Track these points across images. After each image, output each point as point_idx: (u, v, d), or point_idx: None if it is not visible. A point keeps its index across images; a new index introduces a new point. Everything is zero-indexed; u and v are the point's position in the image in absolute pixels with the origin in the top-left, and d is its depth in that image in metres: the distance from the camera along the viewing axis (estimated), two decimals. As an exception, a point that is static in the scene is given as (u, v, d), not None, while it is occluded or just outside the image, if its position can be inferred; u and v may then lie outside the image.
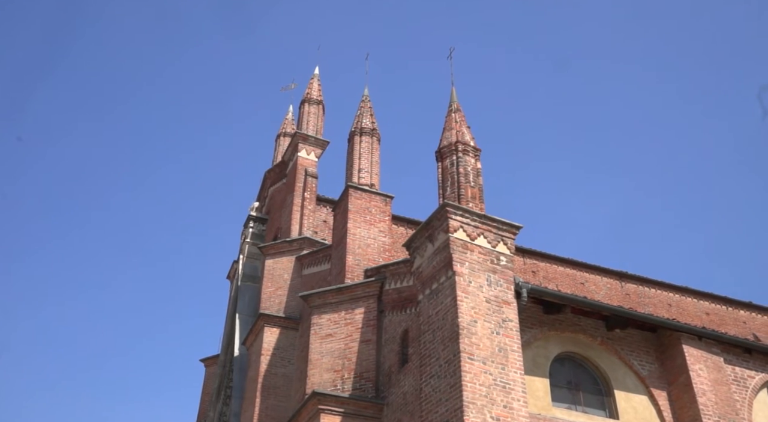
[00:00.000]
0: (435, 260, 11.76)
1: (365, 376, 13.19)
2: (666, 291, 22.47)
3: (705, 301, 22.83)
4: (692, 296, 22.80)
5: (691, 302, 22.62)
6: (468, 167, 13.13)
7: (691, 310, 22.23)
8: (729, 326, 21.95)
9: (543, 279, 20.40)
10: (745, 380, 12.91)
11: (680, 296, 22.56)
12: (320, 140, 21.57)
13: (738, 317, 22.91)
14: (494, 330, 10.87)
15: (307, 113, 22.33)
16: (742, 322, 22.74)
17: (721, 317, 22.54)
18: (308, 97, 22.83)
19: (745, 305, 23.34)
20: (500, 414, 10.07)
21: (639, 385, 12.38)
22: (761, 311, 23.37)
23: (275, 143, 25.58)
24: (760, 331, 22.56)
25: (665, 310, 21.44)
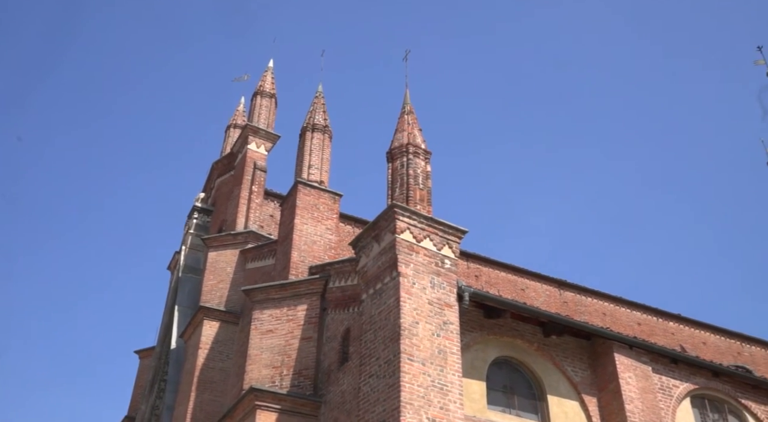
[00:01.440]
0: (380, 260, 11.80)
1: (304, 373, 13.13)
2: (602, 301, 23.19)
3: (637, 311, 23.67)
4: (626, 306, 23.59)
5: (625, 312, 23.41)
6: (418, 170, 13.22)
7: (624, 320, 23.01)
8: (658, 336, 22.81)
9: (485, 284, 20.75)
10: (670, 389, 13.43)
11: (615, 306, 23.33)
12: (271, 134, 21.34)
13: (667, 328, 23.84)
14: (435, 332, 10.99)
15: (259, 106, 22.05)
16: (671, 333, 23.68)
17: (652, 327, 23.41)
18: (261, 89, 22.55)
19: (674, 317, 24.31)
20: (436, 416, 10.18)
21: (571, 391, 12.73)
22: (689, 324, 24.38)
23: (225, 134, 25.17)
24: (686, 342, 23.53)
25: (600, 319, 22.12)
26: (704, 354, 21.89)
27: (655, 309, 24.01)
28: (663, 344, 17.51)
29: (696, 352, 22.15)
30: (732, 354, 24.00)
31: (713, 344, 24.17)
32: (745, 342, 24.84)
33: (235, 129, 24.58)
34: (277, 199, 19.98)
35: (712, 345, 24.11)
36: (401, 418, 9.86)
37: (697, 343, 23.75)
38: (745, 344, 24.80)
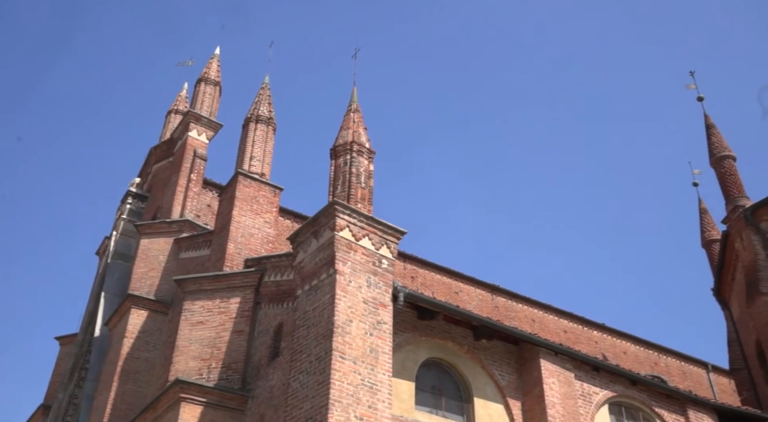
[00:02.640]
0: (318, 256, 11.76)
1: (233, 367, 12.94)
2: (532, 307, 23.81)
3: (565, 320, 24.42)
4: (554, 314, 24.30)
5: (553, 319, 24.11)
6: (360, 168, 13.23)
7: (552, 327, 23.70)
8: (583, 344, 23.60)
9: (420, 285, 20.96)
10: (590, 396, 13.91)
11: (543, 313, 23.99)
12: (213, 122, 20.92)
13: (591, 337, 24.70)
14: (368, 331, 11.03)
15: (202, 93, 21.57)
16: (595, 342, 24.54)
17: (577, 335, 24.20)
18: (206, 76, 22.07)
19: (598, 327, 25.20)
20: (364, 414, 10.22)
21: (497, 394, 13.00)
22: (611, 334, 25.32)
23: (165, 120, 24.52)
24: (608, 351, 24.44)
25: (529, 325, 22.70)
26: (624, 363, 22.77)
27: (582, 318, 24.82)
28: (586, 352, 18.11)
29: (617, 361, 23.01)
30: (650, 364, 25.08)
31: (633, 354, 25.19)
32: (662, 353, 25.99)
33: (176, 115, 23.98)
34: (216, 189, 19.62)
35: (632, 354, 25.12)
36: (329, 415, 9.85)
37: (618, 352, 24.70)
38: (662, 355, 25.96)
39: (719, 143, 20.26)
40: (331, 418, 9.86)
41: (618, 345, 25.10)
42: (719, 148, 20.13)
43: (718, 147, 20.18)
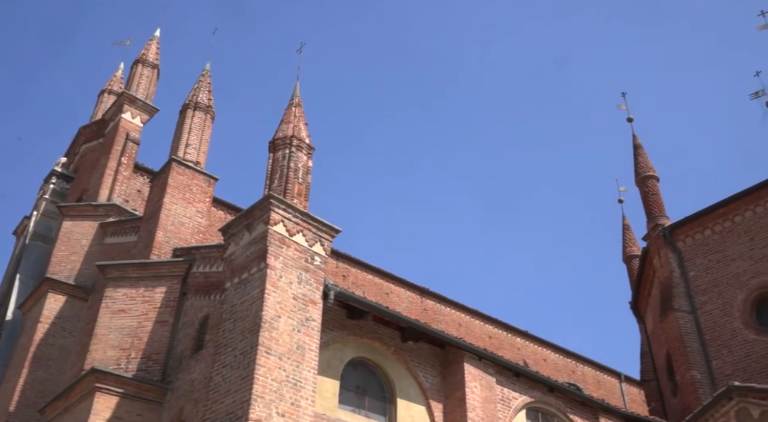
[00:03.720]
0: (250, 249, 11.59)
1: (154, 358, 12.58)
2: (459, 312, 24.24)
3: (490, 325, 24.98)
4: (480, 319, 24.83)
5: (479, 324, 24.62)
6: (299, 163, 13.13)
7: (477, 332, 24.20)
8: (506, 350, 24.20)
9: (352, 284, 20.99)
10: (510, 400, 14.26)
11: (470, 318, 24.47)
12: (149, 106, 20.28)
13: (514, 343, 25.36)
14: (296, 328, 10.95)
15: (139, 74, 20.88)
16: (517, 348, 25.21)
17: (501, 341, 24.80)
18: (144, 58, 21.36)
19: (521, 334, 25.91)
20: (286, 411, 10.15)
21: (420, 396, 13.15)
22: (533, 341, 26.09)
23: (97, 99, 23.58)
24: (529, 358, 25.16)
25: (456, 329, 23.09)
26: (543, 370, 23.48)
27: (506, 325, 25.45)
28: (509, 358, 18.56)
29: (537, 367, 23.71)
30: (567, 372, 25.97)
31: (552, 361, 26.02)
32: (579, 362, 26.96)
33: (109, 95, 23.11)
34: (148, 174, 19.03)
35: (552, 362, 25.95)
36: (250, 411, 9.73)
37: (539, 359, 25.46)
38: (579, 364, 26.93)
39: (644, 163, 21.19)
40: (253, 414, 9.73)
41: (539, 352, 25.87)
42: (644, 168, 21.05)
43: (643, 167, 21.10)
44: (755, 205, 17.40)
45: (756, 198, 17.38)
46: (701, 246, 18.16)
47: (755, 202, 17.40)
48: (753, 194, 17.46)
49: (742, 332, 16.49)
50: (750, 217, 17.46)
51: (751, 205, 17.48)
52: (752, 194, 17.48)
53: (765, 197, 17.24)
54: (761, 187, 17.34)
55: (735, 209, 17.73)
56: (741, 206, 17.64)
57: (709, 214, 18.17)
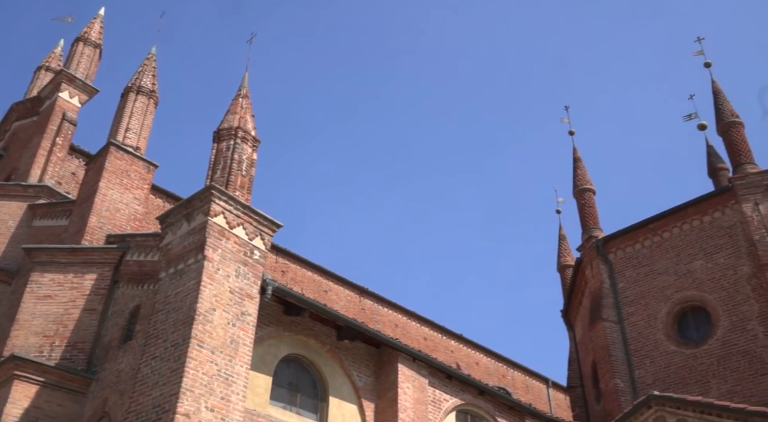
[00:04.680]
0: (188, 240, 11.34)
1: (79, 347, 12.14)
2: (396, 313, 24.39)
3: (426, 327, 25.24)
4: (416, 320, 25.05)
5: (415, 326, 24.83)
6: (243, 155, 12.93)
7: (413, 333, 24.40)
8: (440, 352, 24.50)
9: (290, 280, 20.81)
10: (441, 402, 14.44)
11: (407, 320, 24.65)
12: (89, 87, 19.57)
13: (449, 346, 25.70)
14: (231, 322, 10.78)
15: (80, 53, 20.11)
16: (451, 351, 25.56)
17: (436, 343, 25.09)
18: (85, 36, 20.59)
19: (455, 337, 26.28)
20: (216, 405, 9.97)
21: (353, 395, 13.16)
22: (467, 344, 26.51)
23: (33, 76, 22.59)
24: (462, 361, 25.54)
25: (392, 330, 23.21)
26: (475, 373, 23.90)
27: (442, 327, 25.76)
28: (442, 360, 18.80)
29: (469, 371, 24.10)
30: (498, 376, 26.51)
31: (484, 365, 26.50)
32: (510, 366, 27.57)
33: (46, 72, 22.18)
34: (84, 157, 18.37)
35: (483, 365, 26.42)
36: (178, 404, 9.50)
37: (471, 363, 25.88)
38: (510, 368, 27.54)
39: (583, 176, 21.85)
40: (181, 407, 9.52)
41: (472, 355, 26.30)
42: (582, 180, 21.70)
43: (581, 180, 21.75)
44: (682, 223, 18.18)
45: (683, 216, 18.17)
46: (631, 259, 18.84)
47: (683, 220, 18.18)
48: (681, 212, 18.24)
49: (663, 343, 17.20)
50: (677, 234, 18.23)
51: (678, 222, 18.25)
52: (680, 212, 18.25)
53: (692, 215, 18.04)
54: (689, 206, 18.13)
55: (664, 226, 18.47)
56: (669, 223, 18.39)
57: (639, 229, 18.87)
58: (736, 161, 18.04)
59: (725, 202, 17.47)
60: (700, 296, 17.06)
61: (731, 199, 17.30)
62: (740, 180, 17.21)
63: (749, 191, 16.96)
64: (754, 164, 17.66)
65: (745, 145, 18.21)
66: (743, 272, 16.50)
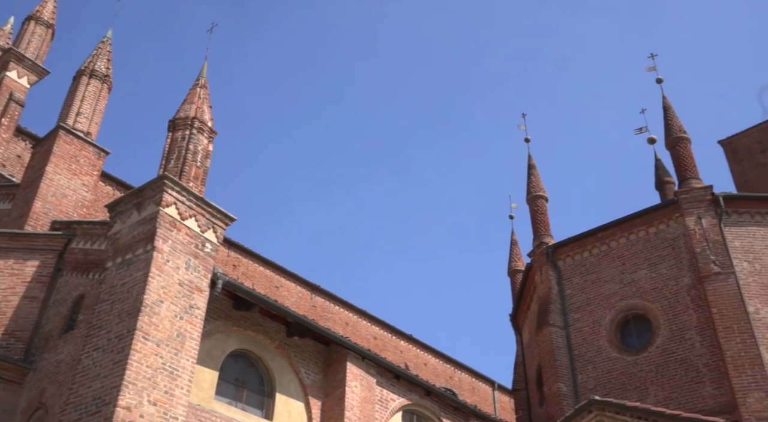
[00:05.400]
0: (137, 230, 11.08)
1: (17, 335, 11.72)
2: (347, 311, 24.36)
3: (376, 326, 25.28)
4: (367, 320, 25.07)
5: (365, 325, 24.85)
6: (199, 146, 12.71)
7: (363, 332, 24.41)
8: (389, 352, 24.58)
9: (242, 275, 20.55)
10: (387, 402, 14.50)
11: (357, 318, 24.65)
12: (38, 67, 18.92)
13: (398, 346, 25.81)
14: (179, 315, 10.58)
15: (31, 32, 19.43)
16: (400, 351, 25.68)
17: (385, 343, 25.16)
18: (37, 15, 19.89)
19: (405, 337, 26.42)
20: (159, 399, 9.77)
21: (300, 392, 13.09)
22: (416, 345, 26.68)
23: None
24: (411, 361, 25.69)
25: (342, 328, 23.17)
26: (423, 374, 24.06)
27: (392, 327, 25.86)
28: (391, 360, 18.88)
29: (417, 371, 24.25)
30: (445, 377, 26.76)
31: (432, 366, 26.72)
32: (457, 368, 27.86)
33: (-6, 50, 21.35)
34: (31, 140, 17.78)
35: (432, 366, 26.63)
36: (119, 397, 9.28)
37: (420, 363, 26.06)
38: (457, 370, 27.83)
39: (536, 183, 22.23)
40: (122, 400, 9.29)
41: (421, 356, 26.47)
42: (536, 187, 22.08)
43: (534, 187, 22.12)
44: (629, 233, 18.68)
45: (630, 226, 18.66)
46: (579, 267, 19.26)
47: (629, 230, 18.67)
48: (628, 222, 18.73)
49: (606, 350, 17.63)
50: (624, 243, 18.71)
51: (625, 232, 18.74)
52: (627, 222, 18.75)
53: (639, 226, 18.55)
54: (635, 217, 18.64)
55: (611, 235, 18.94)
56: (617, 233, 18.87)
57: (588, 237, 19.31)
58: (682, 176, 18.63)
59: (670, 215, 18.02)
60: (642, 305, 17.55)
61: (676, 212, 17.86)
62: (685, 194, 17.78)
63: (693, 205, 17.54)
64: (698, 179, 18.27)
65: (691, 160, 18.83)
66: (684, 283, 17.05)
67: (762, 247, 16.76)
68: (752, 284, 16.17)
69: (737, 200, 17.55)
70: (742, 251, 16.72)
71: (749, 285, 16.15)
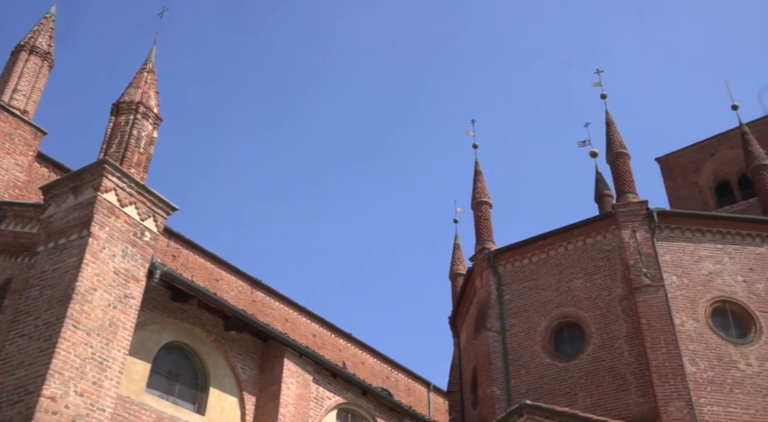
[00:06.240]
0: (73, 214, 10.70)
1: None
2: (287, 307, 24.15)
3: (316, 324, 25.16)
4: (307, 316, 24.92)
5: (305, 322, 24.69)
6: (143, 132, 12.40)
7: (303, 329, 24.26)
8: (328, 350, 24.50)
9: (181, 266, 20.11)
10: (323, 400, 14.45)
11: (297, 315, 24.48)
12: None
13: (337, 344, 25.76)
14: (112, 304, 10.28)
15: (-29, 2, 18.54)
16: (339, 349, 25.64)
17: (324, 341, 25.07)
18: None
19: (344, 335, 26.40)
20: (86, 390, 9.47)
21: (235, 387, 12.90)
22: (355, 343, 26.70)
23: None
24: (349, 360, 25.68)
25: (281, 324, 22.96)
26: (360, 373, 24.09)
27: (332, 325, 25.79)
28: (329, 358, 18.83)
29: (354, 370, 24.26)
30: (382, 377, 26.87)
31: (370, 365, 26.78)
32: (394, 368, 28.02)
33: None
34: (-38, 115, 16.88)
35: (369, 366, 26.70)
36: (44, 386, 8.95)
37: (358, 362, 26.08)
38: (394, 370, 27.99)
39: (481, 189, 22.58)
40: (47, 390, 8.96)
41: (359, 355, 26.50)
42: (481, 193, 22.42)
43: (479, 192, 22.46)
44: (568, 242, 19.19)
45: (569, 236, 19.18)
46: (519, 273, 19.66)
47: (568, 240, 19.19)
48: (567, 232, 19.25)
49: (539, 355, 18.06)
50: (562, 252, 19.21)
51: (564, 242, 19.24)
52: (566, 232, 19.26)
53: (577, 236, 19.08)
54: (574, 227, 19.16)
55: (551, 244, 19.42)
56: (556, 242, 19.35)
57: (529, 245, 19.73)
58: (620, 190, 19.27)
59: (607, 227, 18.60)
60: (576, 314, 18.06)
61: (612, 224, 18.45)
62: (622, 208, 18.40)
63: (629, 219, 18.16)
64: (635, 193, 18.94)
65: (629, 175, 19.50)
66: (616, 293, 17.63)
67: (690, 262, 17.50)
68: (679, 298, 16.86)
69: (670, 216, 18.28)
70: (672, 265, 17.42)
71: (677, 298, 16.83)
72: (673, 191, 29.38)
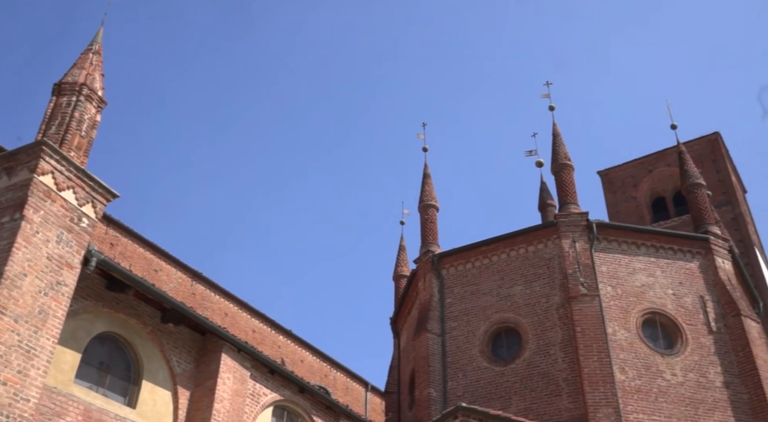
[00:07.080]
0: (5, 196, 10.30)
1: None
2: (228, 301, 23.82)
3: (256, 319, 24.90)
4: (247, 312, 24.64)
5: (245, 317, 24.40)
6: (85, 115, 12.03)
7: (243, 324, 23.96)
8: (267, 346, 24.27)
9: (119, 254, 19.57)
10: (260, 396, 14.32)
11: (238, 309, 24.16)
12: None
13: (276, 340, 25.55)
14: (43, 290, 9.93)
15: None
16: (278, 346, 25.43)
17: (264, 337, 24.83)
18: None
19: (285, 332, 26.21)
20: (10, 379, 9.13)
21: (168, 381, 12.64)
22: (295, 340, 26.54)
23: None
24: (288, 357, 25.51)
25: (221, 318, 22.62)
26: (299, 371, 23.98)
27: (272, 321, 25.57)
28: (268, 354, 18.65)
29: (293, 367, 24.12)
30: (321, 375, 26.79)
31: (309, 363, 26.67)
32: (333, 366, 27.98)
33: None
34: None
35: (308, 363, 26.58)
36: (-34, 375, 8.56)
37: (297, 360, 25.93)
38: (333, 368, 27.95)
39: (429, 193, 22.80)
40: (-32, 378, 8.58)
41: (298, 352, 26.35)
42: (428, 196, 22.64)
43: (427, 196, 22.68)
44: (510, 249, 19.57)
45: (512, 243, 19.56)
46: (461, 277, 19.94)
47: (510, 247, 19.57)
48: (510, 239, 19.63)
49: (477, 359, 18.36)
50: (504, 259, 19.58)
51: (506, 249, 19.61)
52: (509, 239, 19.64)
53: (519, 243, 19.48)
54: (517, 235, 19.56)
55: (494, 250, 19.76)
56: (499, 248, 19.71)
57: (472, 249, 20.04)
58: (562, 200, 19.79)
59: (548, 235, 19.06)
60: (515, 319, 18.42)
61: (554, 234, 18.92)
62: (563, 218, 18.89)
63: (569, 229, 18.66)
64: (577, 205, 19.48)
65: (572, 186, 20.04)
66: (554, 301, 18.08)
67: (625, 274, 18.11)
68: (613, 308, 17.42)
69: (608, 229, 18.88)
70: (608, 275, 17.99)
71: (611, 308, 17.38)
72: (613, 204, 30.36)
